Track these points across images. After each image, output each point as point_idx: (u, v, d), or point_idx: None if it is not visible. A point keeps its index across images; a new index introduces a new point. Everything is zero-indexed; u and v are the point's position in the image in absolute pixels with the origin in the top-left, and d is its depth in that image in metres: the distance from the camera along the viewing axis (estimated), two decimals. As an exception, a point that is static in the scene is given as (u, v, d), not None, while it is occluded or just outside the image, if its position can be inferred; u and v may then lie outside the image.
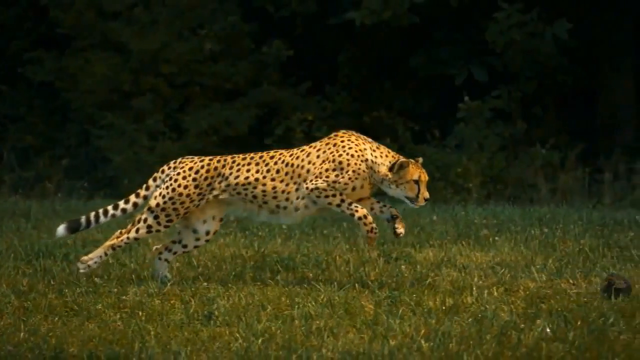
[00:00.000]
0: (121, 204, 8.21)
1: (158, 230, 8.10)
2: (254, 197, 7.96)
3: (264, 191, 7.94)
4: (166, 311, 7.06)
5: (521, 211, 12.45)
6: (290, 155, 7.99)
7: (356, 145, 7.87)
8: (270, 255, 9.20)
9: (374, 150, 7.89)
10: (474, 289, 7.68)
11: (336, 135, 7.98)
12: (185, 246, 8.20)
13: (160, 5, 19.63)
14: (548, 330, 6.41)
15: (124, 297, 7.41)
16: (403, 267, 8.73)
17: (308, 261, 8.96)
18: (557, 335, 6.30)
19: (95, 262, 8.10)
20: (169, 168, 8.16)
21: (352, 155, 7.84)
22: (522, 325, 6.52)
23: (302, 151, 7.99)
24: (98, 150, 19.59)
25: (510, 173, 18.66)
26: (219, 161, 8.10)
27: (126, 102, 19.62)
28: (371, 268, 8.74)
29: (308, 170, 7.90)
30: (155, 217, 8.02)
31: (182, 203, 7.99)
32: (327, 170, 7.82)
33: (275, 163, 7.97)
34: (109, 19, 19.79)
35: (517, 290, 7.71)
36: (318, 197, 7.82)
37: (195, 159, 8.18)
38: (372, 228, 7.81)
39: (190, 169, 8.05)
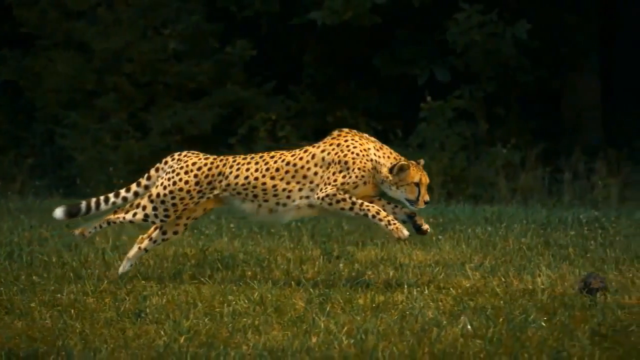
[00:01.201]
0: (122, 192, 8.28)
1: (153, 222, 8.13)
2: (255, 196, 7.99)
3: (264, 190, 7.97)
4: (99, 309, 7.15)
5: (470, 210, 12.58)
6: (292, 156, 7.99)
7: (360, 144, 7.89)
8: (212, 254, 9.30)
9: (378, 150, 7.91)
10: (406, 286, 7.80)
11: (339, 135, 7.99)
12: (164, 233, 8.24)
13: (124, 4, 19.67)
14: (469, 327, 6.53)
15: (59, 296, 7.50)
16: (341, 265, 8.85)
17: (249, 259, 9.07)
18: (477, 332, 6.42)
19: (90, 232, 8.23)
20: (173, 160, 8.23)
21: (357, 155, 7.84)
22: (444, 322, 6.64)
23: (305, 152, 7.98)
24: (62, 149, 19.66)
25: (471, 172, 18.81)
26: (221, 160, 8.13)
27: (90, 102, 19.66)
28: (310, 266, 8.86)
29: (315, 173, 7.90)
30: (154, 209, 8.08)
31: (182, 199, 8.03)
32: (333, 174, 7.85)
33: (275, 162, 7.99)
34: (73, 18, 19.83)
35: (448, 288, 7.83)
36: (330, 204, 7.81)
37: (200, 155, 8.22)
38: (389, 221, 7.75)
39: (194, 164, 8.10)
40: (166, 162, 8.25)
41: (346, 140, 7.90)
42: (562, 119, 20.96)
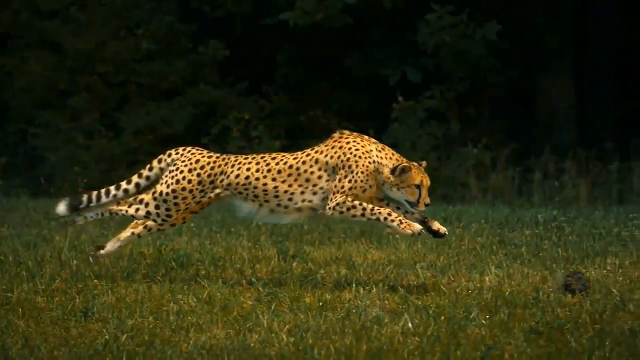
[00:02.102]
0: (123, 184, 8.29)
1: (154, 220, 8.14)
2: (255, 196, 7.99)
3: (265, 191, 7.96)
4: (47, 308, 7.21)
5: (432, 210, 12.66)
6: (295, 159, 7.96)
7: (362, 146, 7.86)
8: (168, 253, 9.36)
9: (379, 152, 7.88)
10: (354, 285, 7.89)
11: (340, 137, 7.96)
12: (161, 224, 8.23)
13: (97, 4, 19.74)
14: (410, 325, 6.63)
15: (9, 295, 7.55)
16: (294, 264, 8.93)
17: (204, 258, 9.14)
18: (416, 330, 6.51)
19: (92, 217, 8.28)
20: (177, 153, 8.19)
21: (360, 157, 7.82)
22: (386, 320, 6.73)
23: (307, 155, 7.95)
24: (35, 148, 19.70)
25: (442, 172, 18.92)
26: (223, 159, 8.10)
27: (62, 101, 19.73)
28: (265, 265, 8.94)
29: (320, 177, 7.89)
30: (157, 207, 8.08)
31: (184, 198, 8.03)
32: (339, 180, 7.83)
33: (277, 164, 7.97)
34: (46, 18, 19.88)
35: (396, 287, 7.92)
36: (341, 212, 7.79)
37: (204, 152, 8.17)
38: (400, 220, 7.70)
39: (197, 161, 8.06)
40: (169, 155, 8.22)
41: (347, 143, 7.89)
42: (536, 119, 21.10)
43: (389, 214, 7.73)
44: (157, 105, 19.77)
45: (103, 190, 8.29)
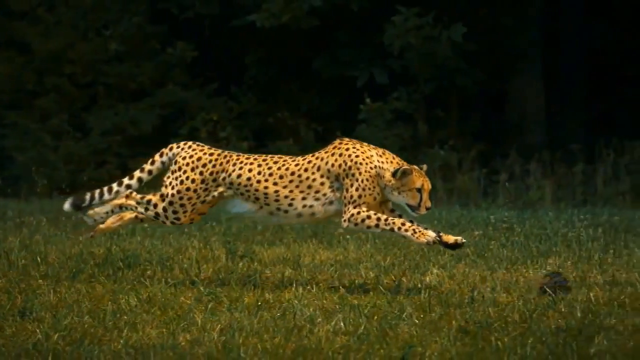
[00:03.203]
0: (125, 180, 8.30)
1: (164, 222, 8.11)
2: (257, 198, 7.98)
3: (265, 194, 7.95)
4: (-14, 307, 7.27)
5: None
6: (296, 165, 7.95)
7: (362, 152, 7.86)
8: (118, 253, 9.43)
9: (380, 156, 7.88)
10: (295, 285, 7.98)
11: (340, 144, 7.97)
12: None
13: (65, 5, 19.79)
14: (342, 324, 6.71)
15: (-49, 294, 7.61)
16: (241, 264, 9.01)
17: (152, 258, 9.21)
18: (347, 329, 6.60)
19: (102, 217, 8.24)
20: (178, 147, 8.19)
21: (361, 163, 7.81)
22: (319, 319, 6.81)
23: (308, 162, 7.94)
24: (3, 149, 19.72)
25: (409, 173, 19.00)
26: (225, 156, 8.09)
27: (30, 102, 19.77)
28: (212, 265, 9.02)
29: (322, 183, 7.88)
30: (164, 210, 8.07)
31: (190, 199, 8.03)
32: (347, 191, 7.82)
33: (279, 168, 7.96)
34: (14, 19, 19.91)
35: (337, 287, 8.01)
36: (356, 224, 7.78)
37: (205, 148, 8.14)
38: (414, 230, 7.69)
39: (199, 159, 8.06)
40: (171, 149, 8.21)
41: (347, 150, 7.89)
42: (506, 121, 21.23)
43: (403, 224, 7.72)
44: (126, 106, 19.84)
45: (105, 188, 8.32)
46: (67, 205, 8.30)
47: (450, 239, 7.73)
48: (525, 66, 20.82)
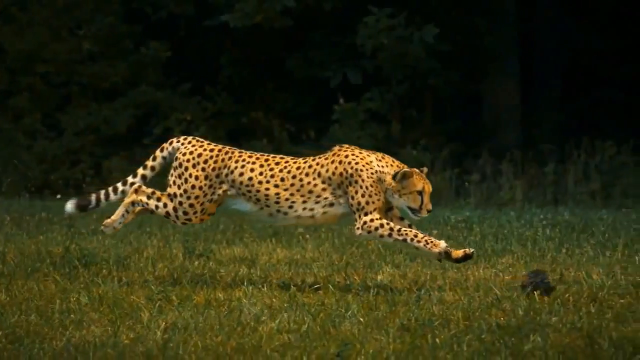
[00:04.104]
0: (129, 178, 8.28)
1: (174, 222, 8.11)
2: (257, 199, 7.98)
3: (266, 195, 7.95)
4: None
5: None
6: (298, 169, 7.94)
7: (362, 159, 7.86)
8: (76, 252, 9.46)
9: (380, 160, 7.90)
10: (245, 284, 8.04)
11: (340, 151, 7.94)
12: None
13: (38, 5, 19.81)
14: (287, 322, 6.77)
15: None
16: (196, 263, 9.07)
17: (109, 258, 9.26)
18: (291, 327, 6.66)
19: (120, 223, 8.19)
20: (178, 142, 8.19)
21: (362, 170, 7.80)
22: (264, 317, 6.87)
23: (309, 167, 7.93)
24: (-24, 149, 19.75)
25: (381, 173, 19.08)
26: (226, 152, 8.07)
27: (3, 101, 19.78)
28: (168, 264, 9.07)
29: (324, 189, 7.87)
30: (175, 210, 8.05)
31: (197, 197, 8.01)
32: (353, 198, 7.82)
33: (281, 171, 7.95)
34: (-13, 18, 19.95)
35: (289, 286, 8.07)
36: (369, 232, 7.78)
37: (205, 144, 8.12)
38: (426, 241, 7.71)
39: (200, 155, 8.04)
40: (171, 143, 8.22)
41: (347, 157, 7.87)
42: (481, 121, 21.33)
43: (416, 235, 7.72)
44: (99, 105, 19.88)
45: (110, 188, 8.31)
46: (70, 207, 8.28)
47: (459, 253, 7.74)
48: (501, 67, 20.92)
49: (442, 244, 7.72)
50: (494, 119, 21.07)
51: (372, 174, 7.80)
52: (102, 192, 8.31)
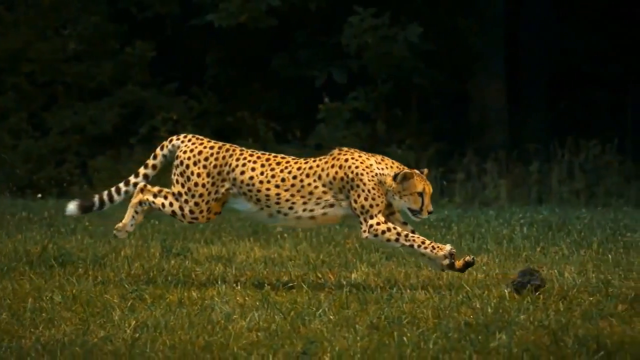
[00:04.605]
0: (132, 178, 8.27)
1: (181, 221, 8.10)
2: (258, 199, 7.98)
3: (267, 196, 7.95)
4: None
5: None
6: (298, 169, 7.94)
7: (361, 162, 7.87)
8: (54, 251, 9.49)
9: (379, 163, 7.89)
10: (219, 282, 8.07)
11: (339, 154, 7.95)
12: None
13: (23, 4, 19.83)
14: (257, 320, 6.80)
15: None
16: (173, 262, 9.09)
17: (86, 257, 9.29)
18: (261, 325, 6.69)
19: (132, 225, 8.19)
20: (178, 139, 8.18)
21: (362, 174, 7.81)
22: (235, 316, 6.91)
23: (310, 168, 7.93)
24: (-39, 149, 19.77)
25: (366, 173, 19.11)
26: (227, 150, 8.07)
27: (-12, 101, 19.81)
28: (145, 262, 9.10)
29: (325, 192, 7.87)
30: (180, 209, 8.05)
31: (201, 195, 8.01)
32: (355, 202, 7.81)
33: (282, 171, 7.95)
34: (-28, 18, 19.97)
35: (263, 284, 8.10)
36: (375, 235, 7.78)
37: (204, 141, 8.12)
38: (432, 247, 7.72)
39: (200, 152, 8.05)
40: (171, 141, 8.22)
41: (346, 161, 7.88)
42: (468, 121, 21.39)
43: (423, 242, 7.74)
44: (85, 105, 19.89)
45: (113, 189, 8.30)
46: (73, 209, 8.27)
47: (461, 262, 7.74)
48: (487, 67, 20.97)
49: (447, 247, 7.73)
50: (481, 118, 21.13)
51: (372, 176, 7.81)
52: (105, 193, 8.31)
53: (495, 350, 5.87)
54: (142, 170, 8.29)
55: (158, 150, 8.27)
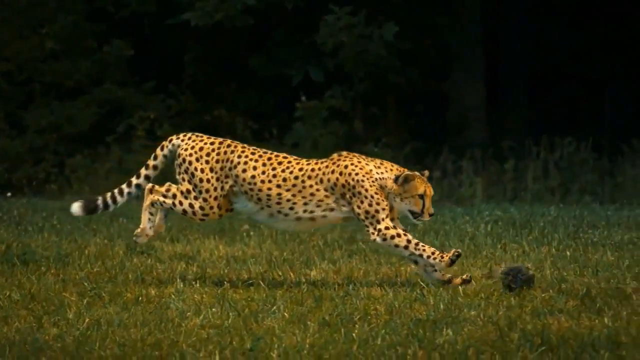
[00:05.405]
0: (134, 180, 8.27)
1: (192, 218, 8.11)
2: (259, 199, 7.98)
3: (268, 195, 7.94)
4: None
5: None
6: (300, 170, 7.94)
7: (361, 169, 7.85)
8: (17, 249, 9.52)
9: (378, 167, 7.88)
10: (178, 280, 8.12)
11: (339, 159, 7.97)
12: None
13: (0, 3, 19.82)
14: (211, 318, 6.85)
15: None
16: (136, 260, 9.13)
17: (50, 255, 9.32)
18: (215, 322, 6.74)
19: (151, 228, 8.17)
20: (178, 138, 8.19)
21: (363, 180, 7.80)
22: (189, 313, 6.95)
23: (312, 170, 7.92)
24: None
25: (343, 171, 19.17)
26: (228, 145, 8.08)
27: (-35, 100, 19.81)
28: (108, 261, 9.14)
29: (326, 196, 7.86)
30: (190, 206, 8.05)
31: (207, 191, 8.01)
32: (358, 207, 7.81)
33: (283, 171, 7.94)
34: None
35: (222, 282, 8.14)
36: (384, 239, 7.78)
37: (205, 138, 8.13)
38: (441, 257, 7.70)
39: (201, 149, 8.05)
40: (170, 141, 8.22)
41: (346, 167, 7.86)
42: (447, 119, 21.44)
43: (433, 253, 7.72)
44: (62, 104, 19.90)
45: (116, 190, 8.29)
46: (77, 209, 8.27)
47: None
48: (465, 65, 21.03)
49: (453, 251, 7.72)
50: (460, 117, 21.18)
51: (373, 181, 7.80)
52: (109, 194, 8.31)
53: (441, 346, 5.93)
54: (143, 171, 8.30)
55: (158, 151, 8.27)
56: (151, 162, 8.28)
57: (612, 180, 18.13)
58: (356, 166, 7.87)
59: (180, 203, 8.08)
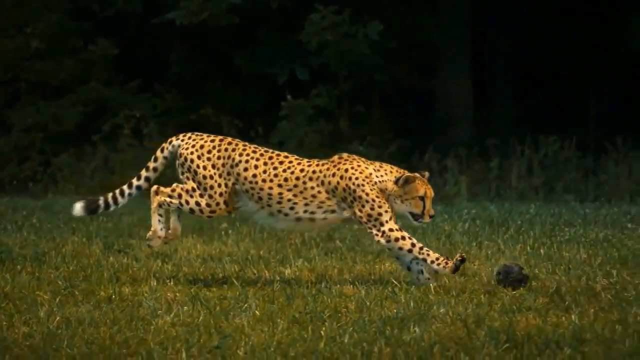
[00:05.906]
0: (134, 181, 8.27)
1: (200, 216, 8.12)
2: (260, 198, 7.98)
3: (269, 194, 7.94)
4: None
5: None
6: (302, 171, 7.93)
7: (360, 172, 7.84)
8: (-6, 248, 9.55)
9: (378, 170, 7.88)
10: (152, 278, 8.14)
11: (339, 162, 7.94)
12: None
13: (-16, 3, 19.86)
14: (182, 316, 6.87)
15: None
16: (112, 259, 9.15)
17: (27, 253, 9.33)
18: (185, 320, 6.75)
19: (162, 229, 8.16)
20: (177, 139, 8.20)
21: (363, 184, 7.79)
22: (160, 311, 6.98)
23: (313, 172, 7.92)
24: None
25: (328, 169, 19.22)
26: (229, 143, 8.09)
27: (-50, 99, 19.83)
28: (84, 259, 9.15)
29: (328, 198, 7.87)
30: (197, 204, 8.06)
31: (212, 188, 8.01)
32: (360, 210, 7.81)
33: (284, 171, 7.93)
34: None
35: (197, 280, 8.17)
36: (388, 241, 7.78)
37: (204, 136, 8.15)
38: (446, 262, 7.72)
39: (202, 147, 8.07)
40: (170, 142, 8.22)
41: (346, 171, 7.84)
42: (434, 117, 21.49)
43: (437, 258, 7.72)
44: (47, 103, 19.92)
45: (117, 192, 8.30)
46: (79, 210, 8.29)
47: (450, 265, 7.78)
48: (452, 64, 21.07)
49: (456, 260, 7.72)
50: (447, 115, 21.22)
51: (373, 185, 7.80)
52: (110, 195, 8.31)
53: (407, 344, 5.96)
54: (143, 173, 8.30)
55: (158, 153, 8.26)
56: (151, 164, 8.29)
57: (596, 178, 18.18)
58: (356, 170, 7.85)
59: (187, 202, 8.09)
